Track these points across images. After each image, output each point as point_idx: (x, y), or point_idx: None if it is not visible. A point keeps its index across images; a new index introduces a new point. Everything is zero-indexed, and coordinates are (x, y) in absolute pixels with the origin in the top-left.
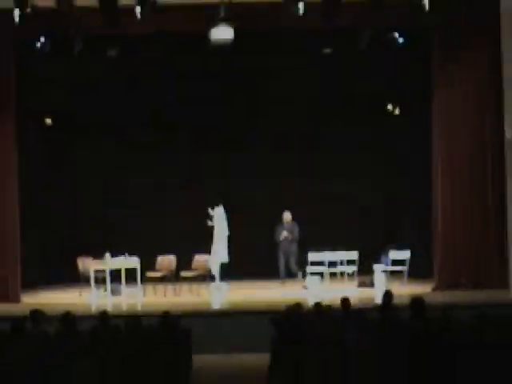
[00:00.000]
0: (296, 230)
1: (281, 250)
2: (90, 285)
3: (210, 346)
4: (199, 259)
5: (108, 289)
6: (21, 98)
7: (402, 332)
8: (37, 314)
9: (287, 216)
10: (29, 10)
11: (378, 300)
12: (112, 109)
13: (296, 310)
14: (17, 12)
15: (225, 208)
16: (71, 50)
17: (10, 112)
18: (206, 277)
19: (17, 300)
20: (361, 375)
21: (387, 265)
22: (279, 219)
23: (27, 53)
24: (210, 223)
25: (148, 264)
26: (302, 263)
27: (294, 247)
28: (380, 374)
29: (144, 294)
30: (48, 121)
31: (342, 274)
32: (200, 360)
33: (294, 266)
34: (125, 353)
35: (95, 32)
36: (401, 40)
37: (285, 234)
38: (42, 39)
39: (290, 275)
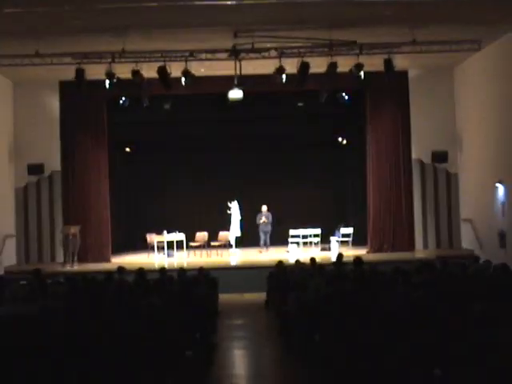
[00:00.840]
0: (270, 216)
1: (261, 230)
2: (154, 251)
3: (229, 288)
4: (222, 234)
5: (165, 253)
6: (110, 136)
7: (348, 277)
8: (121, 269)
9: (264, 207)
10: (115, 80)
11: (334, 259)
12: (166, 140)
13: (282, 265)
14: (107, 81)
15: (238, 202)
16: (141, 104)
17: (104, 145)
18: (227, 245)
19: (108, 260)
20: (319, 307)
21: (339, 237)
22: (262, 209)
23: (114, 107)
24: (229, 211)
25: (190, 237)
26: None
27: (269, 228)
28: (333, 304)
29: (188, 257)
30: (127, 149)
31: (310, 243)
32: (223, 297)
33: (268, 241)
34: (177, 292)
35: (156, 93)
36: (346, 97)
37: (264, 219)
38: (123, 98)
39: (266, 246)
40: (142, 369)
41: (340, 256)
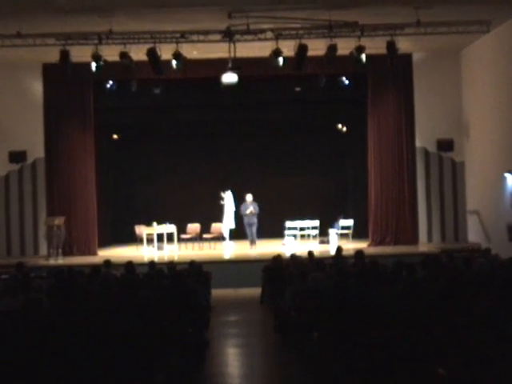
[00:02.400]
0: (256, 207)
1: (246, 223)
2: (143, 243)
3: (222, 283)
4: (215, 226)
5: (155, 246)
6: (96, 122)
7: (348, 272)
8: (108, 263)
9: (249, 196)
10: (102, 63)
11: (333, 252)
12: (156, 126)
13: (278, 259)
14: (93, 64)
15: (232, 192)
16: (130, 88)
17: (90, 131)
18: (220, 238)
19: (95, 253)
20: (318, 303)
21: (338, 229)
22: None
23: (101, 91)
24: (222, 202)
25: (181, 229)
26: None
27: (255, 220)
28: (332, 300)
29: (179, 249)
30: (115, 136)
31: (308, 235)
32: (216, 292)
33: (255, 236)
34: (167, 287)
35: (145, 77)
36: (346, 82)
37: (251, 209)
38: (111, 82)
39: (253, 241)
40: (130, 366)
41: (339, 249)
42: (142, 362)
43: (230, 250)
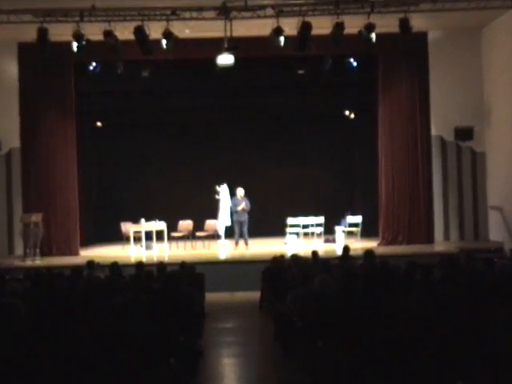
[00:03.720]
0: (248, 203)
1: (235, 221)
2: (130, 242)
3: (217, 286)
4: (209, 223)
5: (143, 245)
6: (78, 108)
7: (356, 273)
8: (91, 264)
9: (240, 191)
10: (84, 42)
11: (339, 252)
12: (145, 113)
13: (279, 259)
14: (75, 44)
15: (228, 185)
16: (115, 71)
17: (72, 119)
18: (215, 236)
19: (76, 253)
20: (323, 307)
21: (345, 226)
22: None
23: (83, 74)
24: (217, 197)
25: (172, 227)
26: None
27: (246, 217)
28: (339, 304)
29: (169, 249)
30: (98, 123)
31: (312, 233)
32: (210, 296)
33: (246, 235)
34: (156, 291)
35: (132, 58)
36: (355, 64)
37: (243, 205)
38: (94, 63)
39: (245, 240)
40: (115, 378)
41: (346, 249)
42: (130, 374)
43: (225, 249)
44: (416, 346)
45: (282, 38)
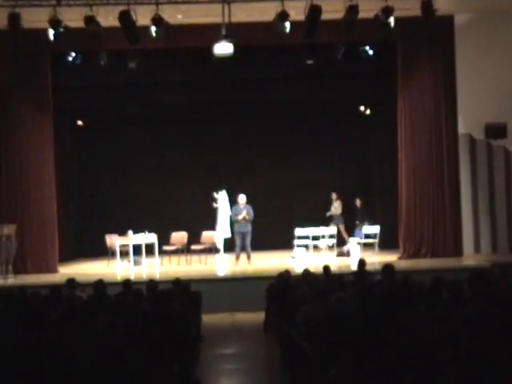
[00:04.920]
0: (251, 211)
1: (236, 232)
2: (116, 257)
3: (216, 306)
4: (206, 235)
5: (131, 260)
6: (56, 104)
7: (374, 291)
8: (72, 282)
9: (242, 198)
10: (61, 29)
11: (354, 267)
12: (131, 110)
13: (285, 275)
14: (51, 31)
15: (227, 192)
16: (98, 62)
17: (49, 116)
18: (212, 249)
19: (55, 270)
20: (339, 329)
21: (361, 238)
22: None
23: (61, 65)
24: (214, 205)
25: (164, 239)
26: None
27: (249, 228)
28: (355, 326)
29: (161, 264)
30: (79, 121)
31: (323, 246)
32: (208, 317)
33: (249, 247)
34: (146, 312)
35: (117, 47)
36: (371, 52)
37: (245, 214)
38: (73, 54)
39: (247, 255)
40: None
41: (362, 263)
42: None
43: (225, 264)
44: (443, 375)
45: (287, 24)
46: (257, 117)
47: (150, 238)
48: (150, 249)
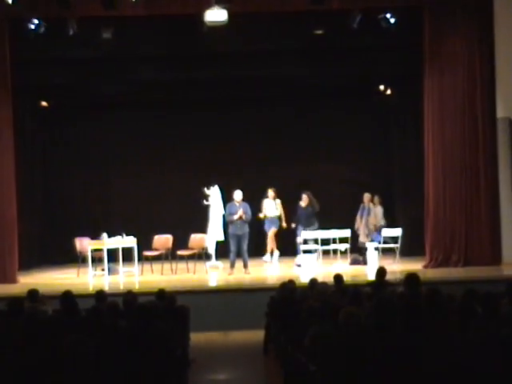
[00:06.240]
0: (248, 210)
1: (231, 234)
2: (87, 265)
3: (207, 323)
4: (195, 238)
5: (105, 268)
6: (16, 82)
7: (394, 306)
8: (34, 294)
9: (238, 194)
10: None
11: (371, 277)
12: (105, 88)
13: (290, 286)
14: None
15: (220, 188)
16: (66, 31)
17: (7, 96)
18: (202, 255)
19: (14, 280)
20: (352, 351)
21: (379, 242)
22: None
23: (22, 35)
24: (205, 202)
25: (145, 243)
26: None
27: (246, 229)
28: (372, 348)
29: (141, 273)
30: (43, 102)
31: (335, 251)
32: (197, 337)
33: (246, 253)
34: (123, 330)
35: (90, 14)
36: (392, 21)
37: (240, 213)
38: (36, 21)
39: (244, 263)
40: None
41: (381, 272)
42: None
43: (217, 274)
44: None
45: None
46: (255, 98)
47: (128, 241)
48: (127, 254)
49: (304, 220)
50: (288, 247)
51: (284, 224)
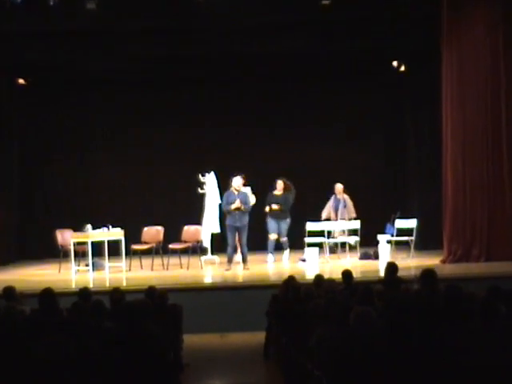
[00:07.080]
0: (248, 199)
1: (228, 226)
2: (69, 259)
3: (202, 323)
4: (189, 230)
5: (90, 263)
6: None
7: (409, 305)
8: (11, 292)
9: (237, 180)
10: None
11: (383, 273)
12: (90, 64)
13: (293, 284)
14: None
15: (216, 174)
16: (46, 1)
17: None
18: (197, 249)
19: None
20: (362, 355)
21: (392, 235)
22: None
23: None
24: (200, 191)
25: (133, 236)
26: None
27: (246, 220)
28: (388, 352)
29: (129, 268)
30: (21, 80)
31: (343, 245)
32: (191, 339)
33: (245, 248)
34: (109, 331)
35: None
36: None
37: (238, 202)
38: None
39: (243, 258)
40: None
41: (393, 268)
42: None
43: (213, 269)
44: None
45: None
46: (255, 75)
47: (115, 234)
48: (114, 248)
49: (277, 212)
50: (292, 240)
51: None
